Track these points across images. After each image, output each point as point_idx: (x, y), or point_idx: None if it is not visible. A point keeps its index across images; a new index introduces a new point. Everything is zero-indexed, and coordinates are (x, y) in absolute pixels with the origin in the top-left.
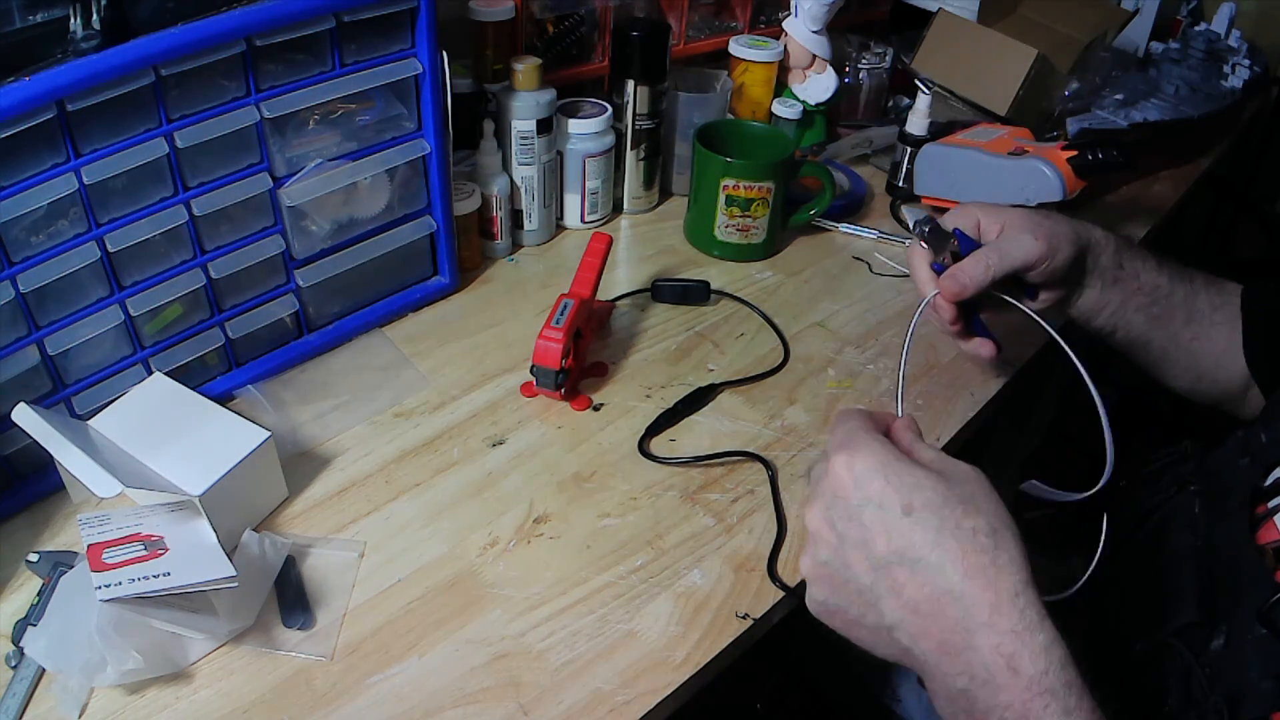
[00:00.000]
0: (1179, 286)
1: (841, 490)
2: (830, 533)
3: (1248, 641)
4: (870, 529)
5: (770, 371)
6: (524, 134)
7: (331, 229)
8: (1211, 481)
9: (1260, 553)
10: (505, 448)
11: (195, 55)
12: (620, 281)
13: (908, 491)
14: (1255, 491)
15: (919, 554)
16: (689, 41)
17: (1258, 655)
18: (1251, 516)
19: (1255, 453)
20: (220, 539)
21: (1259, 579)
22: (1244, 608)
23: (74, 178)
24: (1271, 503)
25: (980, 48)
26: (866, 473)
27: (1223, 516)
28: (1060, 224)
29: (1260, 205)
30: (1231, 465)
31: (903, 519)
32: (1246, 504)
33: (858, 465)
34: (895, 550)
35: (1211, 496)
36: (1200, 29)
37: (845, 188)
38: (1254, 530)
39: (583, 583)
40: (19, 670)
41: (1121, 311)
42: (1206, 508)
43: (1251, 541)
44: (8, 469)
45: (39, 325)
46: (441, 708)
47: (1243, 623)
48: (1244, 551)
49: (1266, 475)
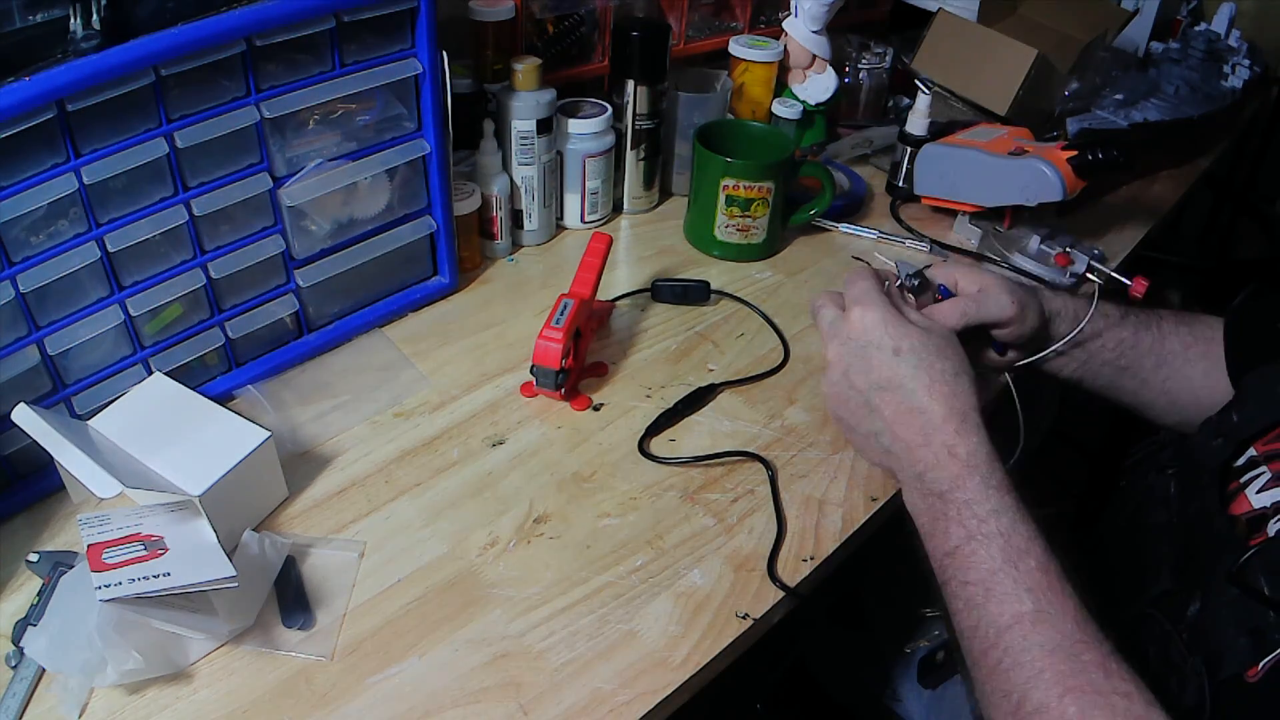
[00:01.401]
0: (1144, 335)
1: (855, 334)
2: (842, 362)
3: (1222, 603)
4: (870, 361)
5: (770, 371)
6: (524, 134)
7: (331, 229)
8: (1186, 462)
9: (1231, 522)
10: (505, 448)
11: (195, 55)
12: (620, 281)
13: (899, 338)
14: (1226, 468)
15: (900, 382)
16: (689, 41)
17: (1232, 614)
18: (1223, 492)
19: (1227, 432)
20: (220, 539)
21: (1231, 545)
22: (1217, 572)
23: (74, 178)
24: (1243, 478)
25: (980, 48)
26: (873, 323)
27: (1197, 493)
28: (1029, 291)
29: (1260, 205)
30: (1205, 446)
31: (893, 357)
32: (1217, 479)
33: (868, 317)
34: (885, 378)
35: (1185, 475)
36: (1200, 29)
37: (845, 188)
38: (1226, 504)
39: (583, 583)
40: (19, 670)
41: (1087, 366)
42: (1180, 485)
43: (1223, 512)
44: (8, 469)
45: (39, 325)
46: (441, 708)
47: (1217, 587)
48: (1215, 521)
49: (1239, 452)
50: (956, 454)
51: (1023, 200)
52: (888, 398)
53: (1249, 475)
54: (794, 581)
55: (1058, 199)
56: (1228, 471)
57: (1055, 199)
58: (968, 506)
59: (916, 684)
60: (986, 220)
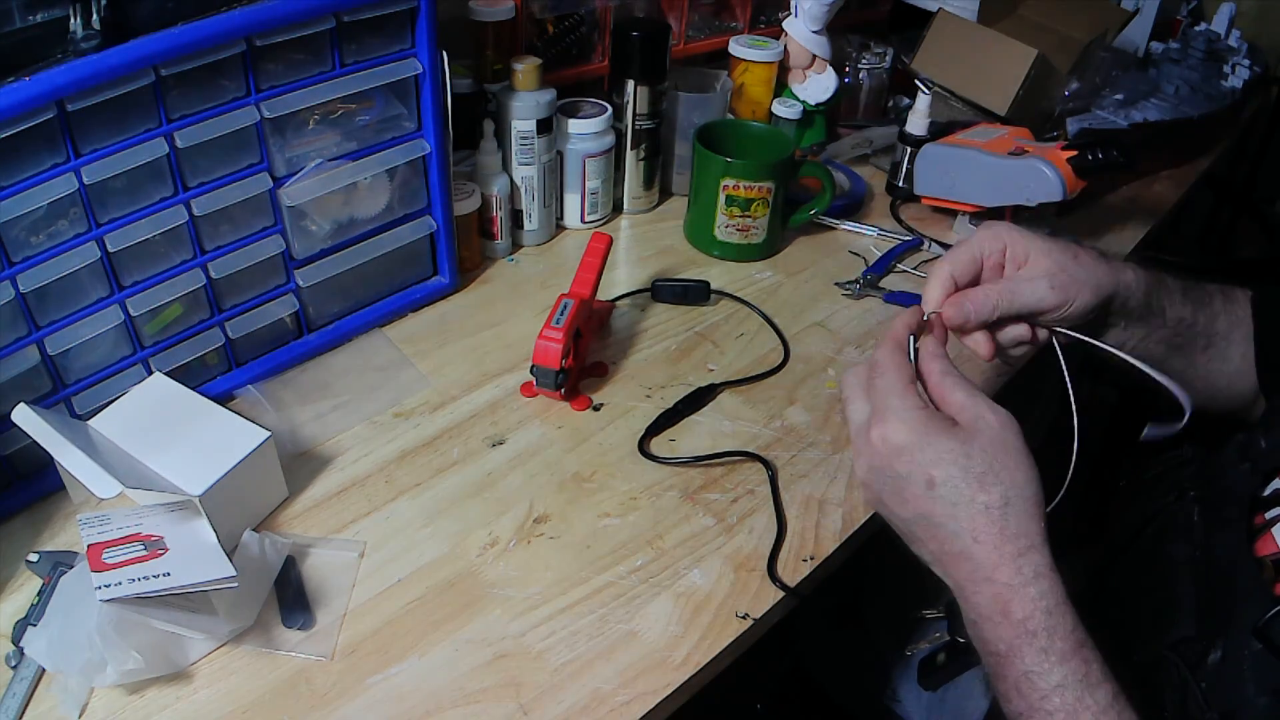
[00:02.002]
0: (1200, 314)
1: (877, 460)
2: (873, 486)
3: (1244, 657)
4: (903, 494)
5: (770, 371)
6: (524, 134)
7: (331, 229)
8: (1210, 488)
9: (1259, 565)
10: (505, 448)
11: (195, 55)
12: (620, 281)
13: (930, 466)
14: (1254, 500)
15: (939, 520)
16: (689, 41)
17: (1254, 671)
18: (1250, 526)
19: (1255, 459)
20: (220, 539)
21: (1256, 592)
22: (1241, 622)
23: (74, 178)
24: (1270, 513)
25: (980, 48)
26: (897, 449)
27: (1221, 525)
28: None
29: (1260, 205)
30: (1231, 471)
31: (926, 493)
32: (1245, 513)
33: (891, 439)
34: (921, 513)
35: (1209, 503)
36: (1200, 29)
37: (845, 188)
38: (1252, 541)
39: (583, 583)
40: (19, 670)
41: (1143, 345)
42: (1205, 515)
43: (1250, 553)
44: (8, 469)
45: (39, 325)
46: (441, 708)
47: (1239, 637)
48: (1242, 563)
49: (1266, 482)
50: (1010, 614)
51: (1023, 200)
52: (930, 532)
53: (1276, 510)
54: (794, 582)
55: (1058, 199)
56: (1254, 503)
57: (1055, 199)
58: (1027, 679)
59: (916, 685)
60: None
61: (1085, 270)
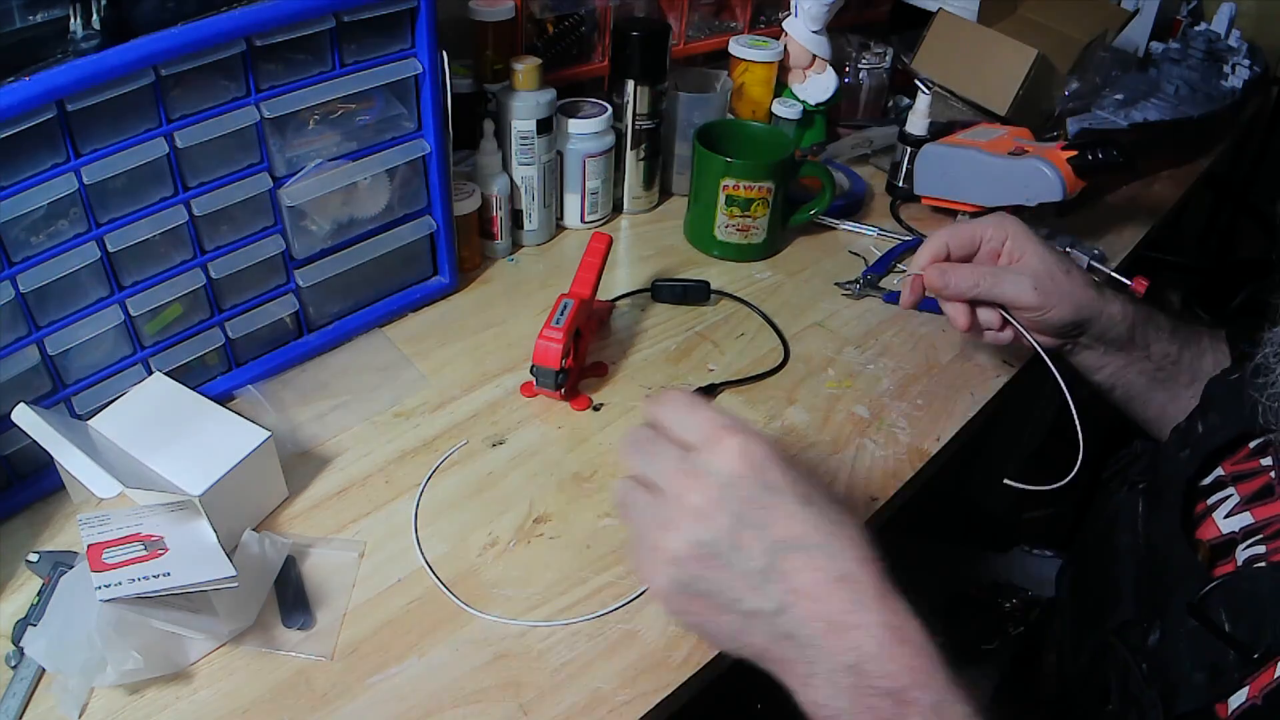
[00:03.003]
0: (1186, 352)
1: (741, 471)
2: (722, 513)
3: (1180, 635)
4: (771, 513)
5: (770, 371)
6: (524, 134)
7: (331, 229)
8: (1155, 477)
9: (1193, 546)
10: (505, 448)
11: (195, 55)
12: (620, 281)
13: (803, 481)
14: (1190, 486)
15: (815, 540)
16: (689, 41)
17: (1190, 648)
18: (1188, 512)
19: (1193, 444)
20: (220, 539)
21: (1191, 572)
22: (1177, 601)
23: (74, 178)
24: (1211, 499)
25: (980, 48)
26: (765, 460)
27: (1160, 510)
28: (1073, 286)
29: (1260, 205)
30: (1172, 459)
31: (802, 508)
32: (1179, 497)
33: (755, 451)
34: (794, 536)
35: (1153, 492)
36: (1200, 29)
37: (845, 188)
38: (1192, 526)
39: (583, 583)
40: (19, 670)
41: (1123, 373)
42: (1148, 505)
43: (1183, 535)
44: (8, 469)
45: (39, 325)
46: (441, 708)
47: (1176, 617)
48: (1176, 546)
49: (1204, 467)
50: (907, 638)
51: (1023, 200)
52: (798, 562)
53: (1217, 497)
54: None
55: (1058, 199)
56: (1194, 491)
57: (1055, 199)
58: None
59: None
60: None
61: (1072, 286)
